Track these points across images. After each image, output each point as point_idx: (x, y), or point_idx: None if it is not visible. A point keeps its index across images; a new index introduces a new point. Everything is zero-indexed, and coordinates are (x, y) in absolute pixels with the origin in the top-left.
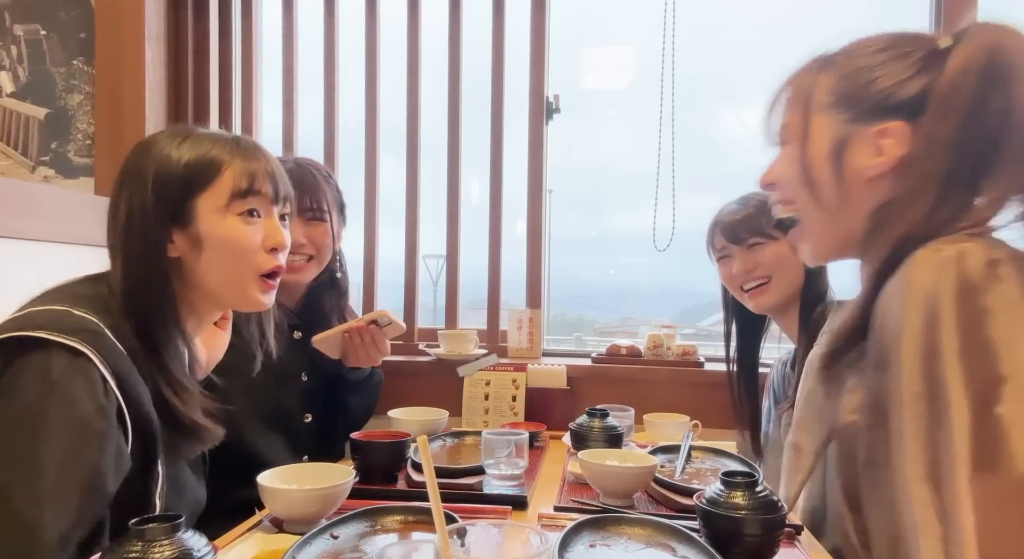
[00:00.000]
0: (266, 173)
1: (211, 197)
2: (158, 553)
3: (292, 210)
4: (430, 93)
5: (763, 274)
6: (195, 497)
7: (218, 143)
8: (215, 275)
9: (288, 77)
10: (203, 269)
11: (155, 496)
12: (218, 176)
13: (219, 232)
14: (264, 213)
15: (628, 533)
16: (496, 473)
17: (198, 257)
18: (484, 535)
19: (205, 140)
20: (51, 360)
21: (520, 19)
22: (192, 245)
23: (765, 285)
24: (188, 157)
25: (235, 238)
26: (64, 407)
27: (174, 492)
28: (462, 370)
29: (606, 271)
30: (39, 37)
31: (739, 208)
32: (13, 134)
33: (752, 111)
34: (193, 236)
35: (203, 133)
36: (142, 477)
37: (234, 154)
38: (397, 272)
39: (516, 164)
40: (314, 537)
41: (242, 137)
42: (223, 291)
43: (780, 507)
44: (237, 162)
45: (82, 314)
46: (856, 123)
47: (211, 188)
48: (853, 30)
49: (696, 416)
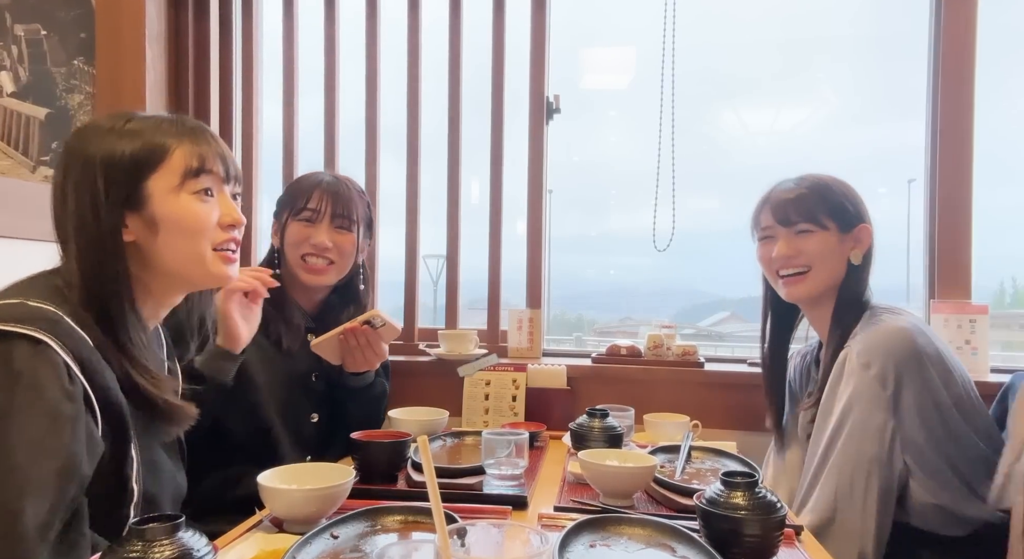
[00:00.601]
0: (216, 154)
1: (163, 178)
2: (158, 553)
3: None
4: (430, 93)
5: (804, 263)
6: (174, 482)
7: (162, 125)
8: (173, 255)
9: (288, 77)
10: (160, 250)
11: (131, 480)
12: (167, 157)
13: (175, 212)
14: (217, 191)
15: (628, 533)
16: (496, 473)
17: (154, 239)
18: (484, 535)
19: (149, 122)
20: (12, 350)
21: (520, 19)
22: (147, 227)
23: (804, 275)
24: (135, 140)
25: (191, 216)
26: (31, 395)
27: (151, 476)
28: (462, 370)
29: (606, 271)
30: (39, 37)
31: (794, 186)
32: (13, 134)
33: (752, 111)
34: (148, 218)
35: (145, 116)
36: (116, 461)
37: (181, 135)
38: (397, 272)
39: (516, 164)
40: (314, 537)
41: (187, 118)
42: (183, 270)
43: (780, 507)
44: (185, 143)
45: (37, 304)
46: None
47: (162, 169)
48: (852, 32)
49: (696, 416)
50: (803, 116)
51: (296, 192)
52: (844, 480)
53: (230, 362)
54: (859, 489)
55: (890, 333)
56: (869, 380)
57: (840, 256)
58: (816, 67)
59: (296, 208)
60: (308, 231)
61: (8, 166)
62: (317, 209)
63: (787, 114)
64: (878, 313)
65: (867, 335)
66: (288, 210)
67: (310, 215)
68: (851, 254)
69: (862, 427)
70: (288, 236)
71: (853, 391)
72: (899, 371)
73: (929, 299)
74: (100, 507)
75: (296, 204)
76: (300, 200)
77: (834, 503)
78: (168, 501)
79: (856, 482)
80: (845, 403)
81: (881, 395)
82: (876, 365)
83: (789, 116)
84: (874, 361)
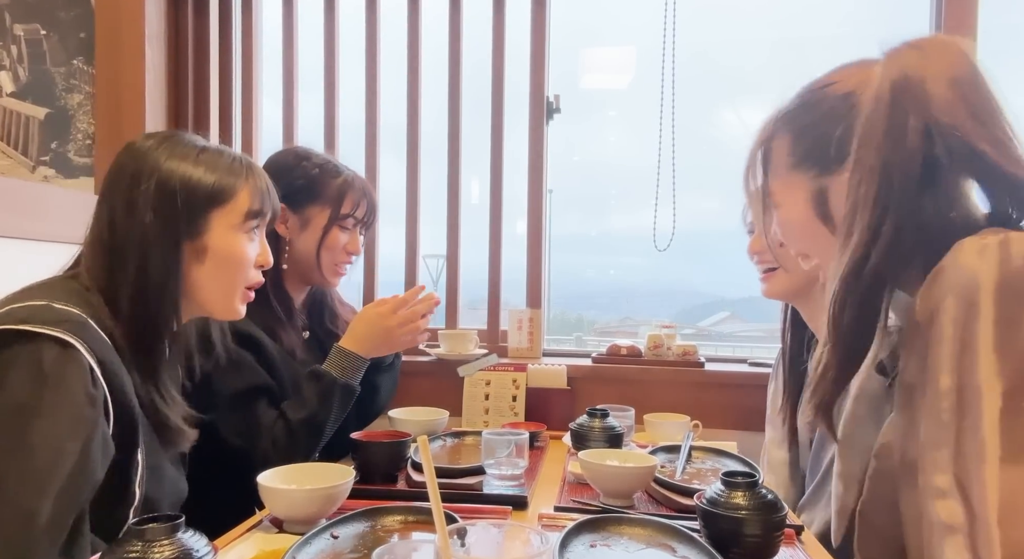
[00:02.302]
0: (267, 193)
1: (227, 215)
2: (158, 553)
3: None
4: (430, 92)
5: (771, 259)
6: (176, 488)
7: (233, 164)
8: (210, 285)
9: (288, 76)
10: (201, 278)
11: (135, 484)
12: (235, 196)
13: (227, 247)
14: (259, 231)
15: (628, 533)
16: (496, 473)
17: (199, 267)
18: (484, 535)
19: (222, 158)
20: (41, 351)
21: (520, 18)
22: (196, 255)
23: (773, 271)
24: (211, 173)
25: (239, 254)
26: (57, 397)
27: (154, 481)
28: (462, 370)
29: (606, 271)
30: (39, 37)
31: None
32: (13, 134)
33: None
34: (200, 247)
35: (213, 148)
36: (122, 464)
37: (248, 175)
38: (397, 272)
39: (516, 164)
40: (314, 537)
41: (246, 156)
42: (211, 299)
43: (780, 507)
44: (252, 182)
45: (63, 306)
46: (823, 176)
47: (228, 205)
48: (852, 31)
49: (696, 416)
50: None
51: (338, 195)
52: None
53: (362, 364)
54: None
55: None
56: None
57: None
58: (817, 67)
59: (341, 214)
60: (346, 237)
61: (7, 166)
62: (362, 219)
63: None
64: None
65: None
66: (325, 209)
67: (354, 223)
68: None
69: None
70: (328, 241)
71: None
72: None
73: None
74: (101, 509)
75: (340, 209)
76: (346, 206)
77: None
78: (167, 505)
79: None
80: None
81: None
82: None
83: None
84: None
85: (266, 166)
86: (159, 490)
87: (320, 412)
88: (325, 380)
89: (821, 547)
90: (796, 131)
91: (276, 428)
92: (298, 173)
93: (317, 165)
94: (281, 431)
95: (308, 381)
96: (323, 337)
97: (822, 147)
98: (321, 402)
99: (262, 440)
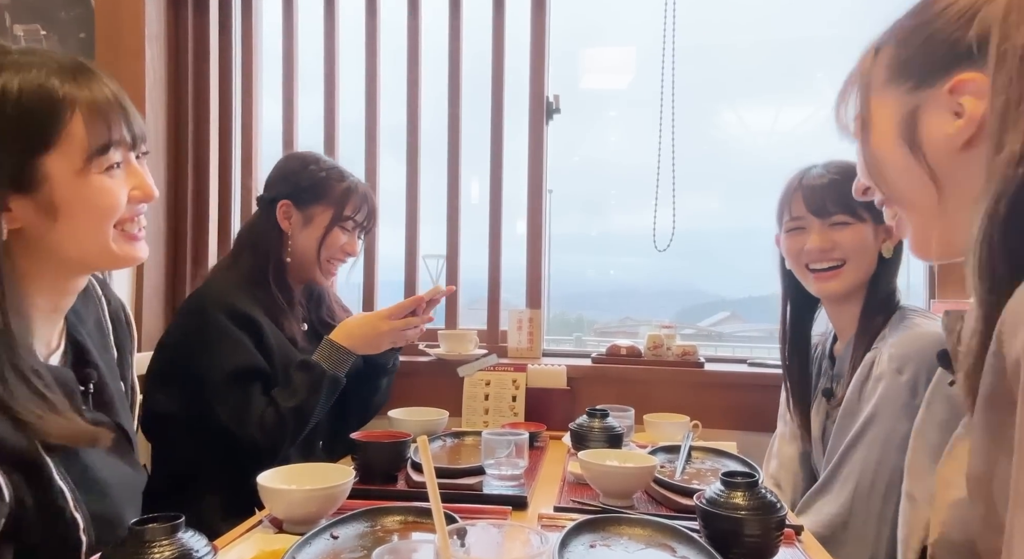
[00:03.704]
0: (118, 109)
1: (62, 157)
2: (158, 553)
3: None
4: (430, 92)
5: (839, 257)
6: (128, 480)
7: (52, 74)
8: (73, 242)
9: (288, 76)
10: (58, 238)
11: (68, 508)
12: (64, 127)
13: (80, 196)
14: (124, 161)
15: (628, 533)
16: (496, 473)
17: (51, 225)
18: (484, 535)
19: (31, 69)
20: None
21: (520, 19)
22: (43, 213)
23: (838, 269)
24: (18, 100)
25: (99, 199)
26: None
27: (94, 491)
28: (462, 370)
29: (606, 271)
30: (39, 37)
31: (825, 173)
32: None
33: (753, 111)
34: (44, 203)
35: (23, 59)
36: (37, 497)
37: (76, 88)
38: (397, 272)
39: (516, 164)
40: (314, 537)
41: (74, 58)
42: (84, 255)
43: (780, 507)
44: (83, 101)
45: None
46: (920, 89)
47: (59, 145)
48: (853, 32)
49: (696, 416)
50: (804, 116)
51: (342, 198)
52: (863, 486)
53: (349, 358)
54: (877, 496)
55: (925, 339)
56: (900, 386)
57: (873, 250)
58: (817, 66)
59: (343, 216)
60: (345, 238)
61: None
62: (362, 223)
63: (788, 114)
64: (908, 314)
65: (901, 339)
66: (328, 209)
67: (354, 226)
68: (882, 247)
69: (887, 435)
70: (328, 240)
71: (881, 396)
72: (932, 380)
73: (929, 299)
74: (49, 549)
75: (343, 211)
76: (349, 208)
77: (850, 508)
78: (127, 500)
79: (876, 489)
80: (872, 408)
81: (910, 403)
82: (909, 371)
83: (790, 116)
84: (907, 367)
85: (275, 169)
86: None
87: (309, 401)
88: (315, 371)
89: (821, 547)
90: (900, 38)
91: (266, 415)
92: (305, 175)
93: (324, 169)
94: (271, 418)
95: (298, 371)
96: (320, 330)
97: (926, 52)
98: (310, 392)
99: (251, 426)
